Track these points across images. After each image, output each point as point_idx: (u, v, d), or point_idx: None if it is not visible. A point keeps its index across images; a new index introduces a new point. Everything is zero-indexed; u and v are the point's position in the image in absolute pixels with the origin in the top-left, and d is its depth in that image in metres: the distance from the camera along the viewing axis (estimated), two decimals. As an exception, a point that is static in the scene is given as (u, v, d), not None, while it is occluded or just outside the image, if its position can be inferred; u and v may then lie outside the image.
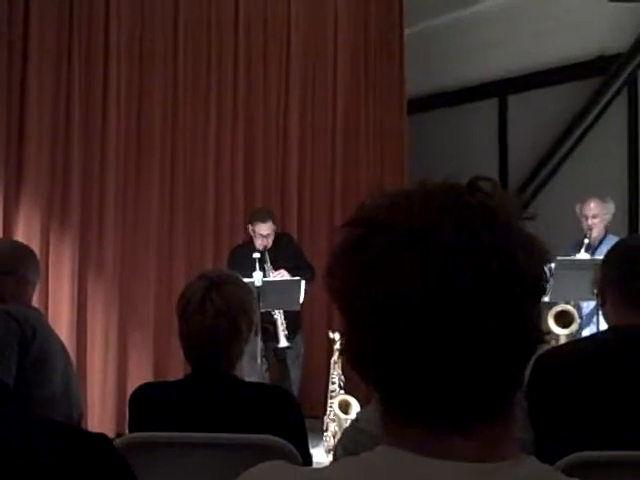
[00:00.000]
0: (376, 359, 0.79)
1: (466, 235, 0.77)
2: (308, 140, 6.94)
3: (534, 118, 7.40)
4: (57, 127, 5.68)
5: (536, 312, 0.81)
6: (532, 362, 0.89)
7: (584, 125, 7.12)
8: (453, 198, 0.80)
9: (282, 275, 5.30)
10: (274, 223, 5.47)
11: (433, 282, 0.76)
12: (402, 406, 0.80)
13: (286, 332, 5.30)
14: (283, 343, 5.30)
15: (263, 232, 5.36)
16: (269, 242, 5.37)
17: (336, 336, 5.21)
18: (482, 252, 0.77)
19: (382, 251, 0.78)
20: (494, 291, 0.77)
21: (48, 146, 5.62)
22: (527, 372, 0.85)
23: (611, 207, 5.40)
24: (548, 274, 0.81)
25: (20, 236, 5.27)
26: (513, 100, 7.62)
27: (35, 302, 3.36)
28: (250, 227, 5.49)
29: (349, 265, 0.81)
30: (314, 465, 2.29)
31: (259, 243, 5.37)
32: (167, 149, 6.20)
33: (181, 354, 2.17)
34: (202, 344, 2.09)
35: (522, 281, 0.78)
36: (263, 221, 5.39)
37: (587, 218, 5.31)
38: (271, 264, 5.29)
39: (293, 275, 5.29)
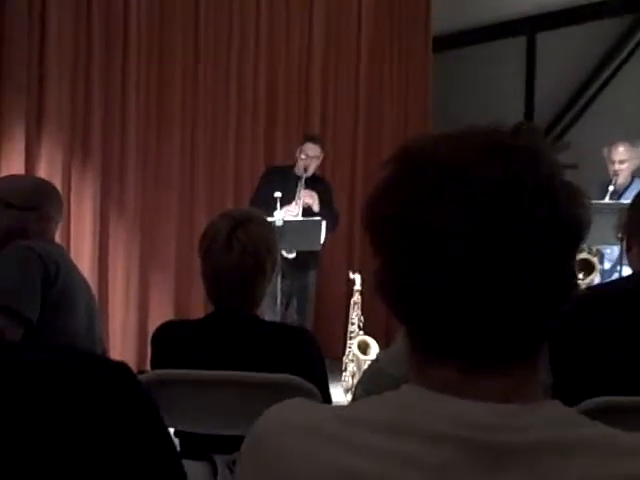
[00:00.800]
0: (412, 292, 0.80)
1: (511, 174, 0.77)
2: (331, 79, 6.86)
3: (563, 57, 7.25)
4: (77, 66, 5.63)
5: (573, 258, 0.82)
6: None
7: (614, 65, 6.98)
8: (497, 139, 0.80)
9: (312, 196, 5.30)
10: (322, 150, 5.49)
11: (477, 217, 0.76)
12: (432, 344, 0.80)
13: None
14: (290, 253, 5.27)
15: (310, 152, 5.39)
16: (311, 166, 5.38)
17: (356, 277, 5.22)
18: (526, 193, 0.77)
19: (424, 186, 0.78)
20: (536, 233, 0.77)
21: (69, 84, 5.58)
22: None
23: (639, 151, 5.28)
24: (587, 222, 0.82)
25: (42, 174, 5.28)
26: (541, 38, 7.46)
27: (57, 240, 3.38)
28: (299, 150, 5.48)
29: (390, 199, 0.81)
30: (333, 404, 2.31)
31: (301, 164, 5.37)
32: (189, 89, 6.15)
33: (202, 293, 2.17)
34: (227, 282, 2.08)
35: (564, 225, 0.79)
36: (312, 142, 5.45)
37: (614, 163, 5.20)
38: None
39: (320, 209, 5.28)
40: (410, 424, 0.77)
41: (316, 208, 5.33)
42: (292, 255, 5.29)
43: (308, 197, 5.32)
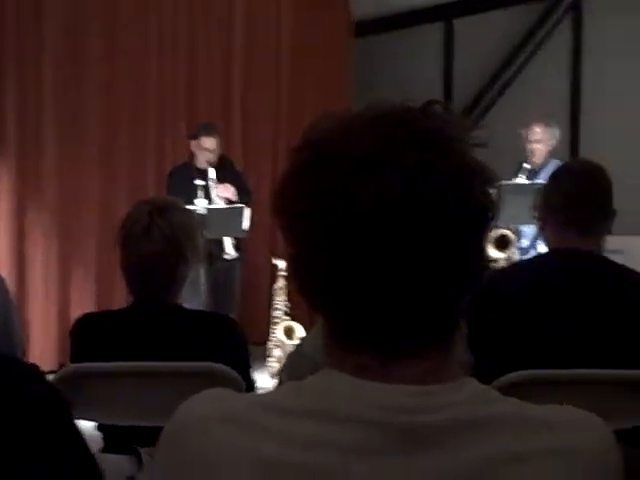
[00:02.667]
0: (325, 282, 0.79)
1: (422, 163, 0.77)
2: (253, 62, 6.81)
3: (479, 43, 7.38)
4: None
5: (484, 240, 0.82)
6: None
7: (528, 50, 7.14)
8: (408, 123, 0.79)
9: (227, 188, 5.21)
10: (219, 139, 5.30)
11: (387, 208, 0.76)
12: (347, 330, 0.80)
13: (234, 241, 5.24)
14: (230, 251, 5.23)
15: (209, 146, 5.19)
16: (213, 158, 5.22)
17: (280, 262, 5.21)
18: (438, 181, 0.77)
19: (336, 176, 0.77)
20: (448, 219, 0.77)
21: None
22: None
23: (555, 132, 5.43)
24: (497, 202, 0.82)
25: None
26: (459, 24, 7.57)
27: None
28: (193, 143, 5.30)
29: (302, 189, 0.80)
30: (258, 390, 2.31)
31: (202, 160, 5.21)
32: (106, 73, 6.00)
33: (124, 287, 2.13)
34: (147, 271, 2.04)
35: (474, 210, 0.79)
36: (208, 135, 5.23)
37: (531, 142, 5.34)
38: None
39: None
40: (328, 409, 0.77)
41: (235, 198, 5.27)
42: (233, 255, 5.25)
43: (225, 191, 5.22)
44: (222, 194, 5.22)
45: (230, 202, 5.27)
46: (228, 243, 5.26)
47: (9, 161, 5.51)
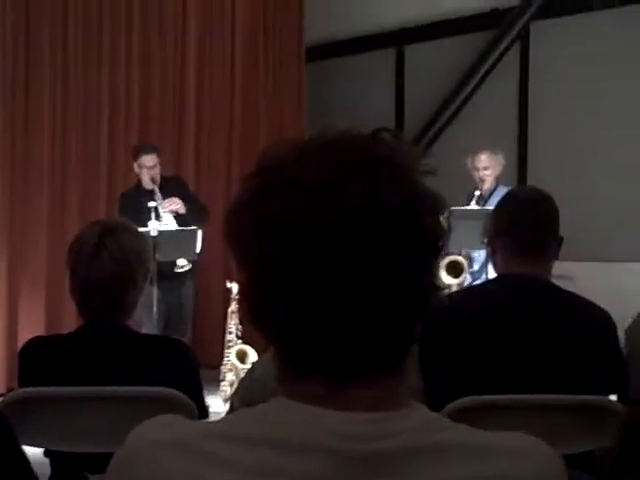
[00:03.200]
0: (274, 310, 0.79)
1: (371, 192, 0.77)
2: (206, 88, 6.81)
3: (429, 69, 7.49)
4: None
5: (434, 268, 0.83)
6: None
7: (477, 77, 7.27)
8: (357, 151, 0.79)
9: (175, 203, 5.20)
10: (158, 156, 5.35)
11: (337, 238, 0.76)
12: (299, 361, 0.80)
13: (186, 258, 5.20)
14: (182, 263, 5.19)
15: (148, 163, 5.26)
16: (156, 175, 5.26)
17: (233, 286, 5.19)
18: (387, 210, 0.77)
19: (286, 205, 0.77)
20: (396, 250, 0.77)
21: None
22: None
23: (501, 159, 5.55)
24: (447, 229, 0.83)
25: None
26: (410, 50, 7.68)
27: None
28: (136, 164, 5.35)
29: (250, 217, 0.80)
30: (212, 415, 2.29)
31: (146, 179, 5.25)
32: (58, 92, 5.95)
33: (74, 308, 2.10)
34: (96, 293, 2.01)
35: (424, 238, 0.79)
36: (147, 153, 5.30)
37: (479, 170, 5.45)
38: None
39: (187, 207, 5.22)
40: (279, 438, 0.77)
41: (182, 210, 5.25)
42: (186, 267, 5.19)
43: (172, 204, 5.22)
44: (169, 208, 5.20)
45: (178, 215, 5.25)
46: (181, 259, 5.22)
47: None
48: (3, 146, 5.62)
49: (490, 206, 4.76)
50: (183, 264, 5.21)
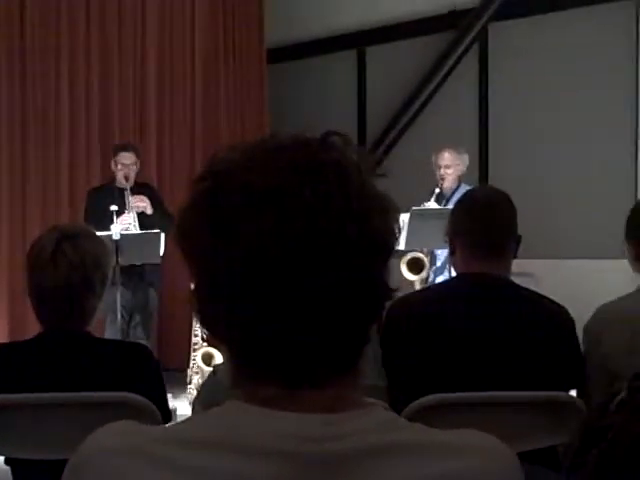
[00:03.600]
0: (227, 316, 0.79)
1: (321, 196, 0.77)
2: (166, 91, 6.77)
3: (390, 71, 7.53)
4: None
5: (385, 270, 0.83)
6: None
7: (437, 79, 7.32)
8: (307, 155, 0.80)
9: (142, 199, 5.22)
10: (137, 156, 5.41)
11: (287, 242, 0.76)
12: (252, 364, 0.80)
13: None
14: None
15: (126, 161, 5.30)
16: (131, 174, 5.29)
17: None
18: (336, 214, 0.77)
19: (235, 209, 0.77)
20: (347, 253, 0.78)
21: None
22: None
23: (465, 158, 5.58)
24: (398, 232, 0.83)
25: None
26: (371, 52, 7.72)
27: None
28: (113, 160, 5.39)
29: (200, 223, 0.79)
30: (179, 418, 2.28)
31: (121, 175, 5.28)
32: (17, 94, 5.88)
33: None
34: (53, 300, 2.00)
35: (374, 241, 0.80)
36: (126, 150, 5.35)
37: (440, 168, 5.47)
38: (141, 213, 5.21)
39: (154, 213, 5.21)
40: (235, 441, 0.77)
41: (149, 211, 5.25)
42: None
43: (139, 201, 5.24)
44: (136, 203, 5.20)
45: (145, 217, 5.23)
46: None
47: None
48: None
49: (452, 205, 4.80)
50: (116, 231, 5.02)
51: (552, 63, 6.70)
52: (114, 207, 5.03)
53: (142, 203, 5.24)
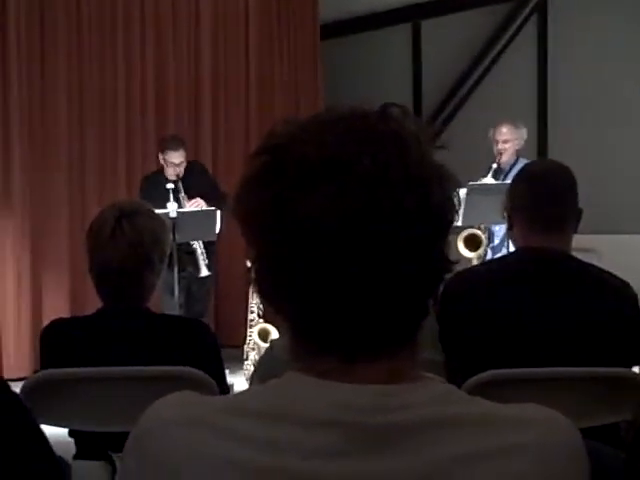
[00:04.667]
0: (288, 289, 0.80)
1: (380, 166, 0.77)
2: (221, 67, 6.81)
3: (446, 44, 7.43)
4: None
5: (445, 242, 0.83)
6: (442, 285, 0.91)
7: (495, 50, 7.20)
8: (366, 127, 0.79)
9: (198, 203, 5.22)
10: (185, 151, 5.34)
11: (347, 214, 0.76)
12: (311, 336, 0.81)
13: (206, 261, 5.25)
14: (204, 272, 5.25)
15: (175, 160, 5.24)
16: (181, 171, 5.26)
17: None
18: (395, 184, 0.77)
19: (296, 182, 0.77)
20: (406, 224, 0.77)
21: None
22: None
23: (523, 132, 5.48)
24: (457, 205, 0.83)
25: None
26: (426, 25, 7.62)
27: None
28: (161, 156, 5.35)
29: (261, 195, 0.79)
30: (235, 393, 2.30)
31: (171, 172, 5.26)
32: (74, 79, 5.97)
33: (96, 290, 2.12)
34: (113, 276, 2.03)
35: (434, 213, 0.79)
36: (175, 149, 5.26)
37: (498, 143, 5.39)
38: (185, 193, 5.20)
39: (207, 203, 5.22)
40: (293, 411, 0.78)
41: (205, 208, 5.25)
42: (208, 273, 5.22)
43: (194, 204, 5.20)
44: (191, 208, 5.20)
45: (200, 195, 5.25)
46: (202, 264, 5.23)
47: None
48: (21, 134, 5.65)
49: (510, 180, 4.72)
50: (205, 272, 5.21)
51: (616, 32, 6.52)
52: (170, 185, 5.08)
53: (196, 207, 5.19)
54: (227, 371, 2.26)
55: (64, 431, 2.10)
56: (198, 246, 5.22)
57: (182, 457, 0.78)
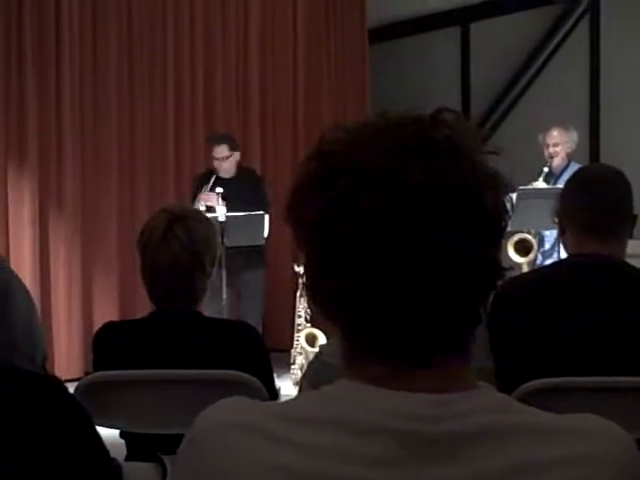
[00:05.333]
0: (340, 296, 0.79)
1: (432, 174, 0.76)
2: (269, 74, 6.84)
3: (496, 46, 7.36)
4: (9, 60, 5.51)
5: (497, 248, 0.82)
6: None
7: (546, 53, 7.11)
8: (418, 133, 0.79)
9: (209, 198, 5.20)
10: (231, 148, 5.43)
11: (400, 220, 0.76)
12: (364, 343, 0.80)
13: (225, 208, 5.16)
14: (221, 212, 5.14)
15: (217, 155, 5.38)
16: (228, 168, 5.36)
17: (301, 269, 5.21)
18: (448, 191, 0.76)
19: (348, 188, 0.77)
20: (459, 230, 0.77)
21: (1, 82, 5.46)
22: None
23: (574, 136, 5.41)
24: (510, 210, 0.82)
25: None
26: (475, 28, 7.56)
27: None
28: (211, 154, 5.49)
29: (313, 201, 0.80)
30: (281, 398, 2.31)
31: (219, 168, 5.38)
32: (125, 83, 6.06)
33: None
34: (165, 280, 2.06)
35: (487, 218, 0.79)
36: (216, 144, 5.43)
37: (549, 147, 5.33)
38: (232, 196, 5.20)
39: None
40: (346, 419, 0.77)
41: (217, 206, 5.19)
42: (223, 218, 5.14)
43: (206, 199, 5.22)
44: (205, 200, 5.21)
45: (209, 209, 5.19)
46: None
47: (31, 168, 5.56)
48: (73, 136, 5.76)
49: (561, 184, 4.66)
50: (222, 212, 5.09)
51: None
52: (219, 189, 5.13)
53: (209, 202, 5.21)
54: (274, 375, 2.27)
55: (115, 433, 2.13)
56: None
57: (235, 461, 0.78)
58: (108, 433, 1.95)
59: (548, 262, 5.14)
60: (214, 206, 5.20)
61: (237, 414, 0.82)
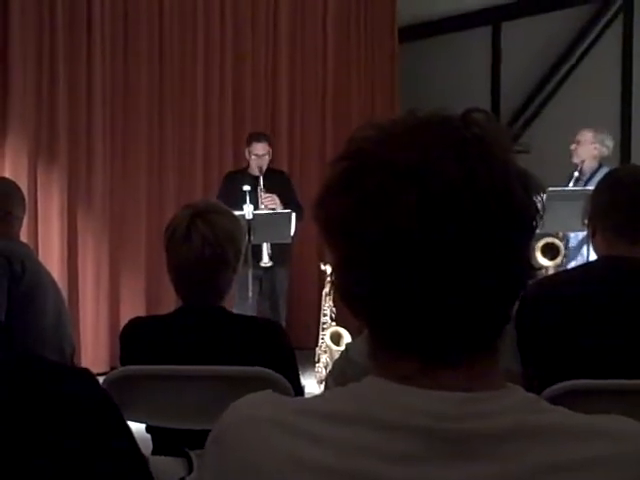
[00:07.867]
0: (369, 295, 0.79)
1: (464, 172, 0.76)
2: (298, 73, 6.85)
3: (527, 46, 7.30)
4: (42, 61, 5.56)
5: (528, 248, 0.82)
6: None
7: (578, 53, 7.04)
8: (448, 132, 0.79)
9: (273, 200, 5.34)
10: (270, 145, 5.56)
11: (431, 219, 0.76)
12: (393, 341, 0.80)
13: (270, 252, 5.29)
14: (266, 260, 5.29)
15: (259, 152, 5.46)
16: (264, 164, 5.44)
17: (327, 268, 5.23)
18: (480, 189, 0.76)
19: (378, 187, 0.77)
20: (490, 228, 0.77)
21: (33, 78, 5.51)
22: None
23: (606, 140, 5.32)
24: (541, 209, 0.81)
25: (7, 172, 5.21)
26: (506, 27, 7.51)
27: (25, 238, 3.34)
28: (247, 150, 5.56)
29: (343, 200, 0.80)
30: (306, 395, 2.31)
31: (254, 165, 5.45)
32: (155, 81, 6.10)
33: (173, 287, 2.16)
34: (189, 274, 2.06)
35: (518, 218, 0.79)
36: (258, 141, 5.50)
37: (578, 146, 5.28)
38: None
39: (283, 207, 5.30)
40: (373, 416, 0.77)
41: (279, 210, 5.34)
42: (268, 264, 5.29)
43: (270, 201, 5.35)
44: (268, 204, 5.32)
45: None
46: (265, 252, 5.30)
47: (60, 166, 5.62)
48: (103, 140, 5.80)
49: (591, 187, 4.61)
50: (266, 261, 5.29)
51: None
52: (247, 187, 5.16)
53: (272, 204, 5.34)
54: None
55: (141, 427, 2.15)
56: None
57: (263, 455, 0.79)
58: (135, 427, 1.96)
59: (572, 264, 5.09)
60: (275, 208, 5.29)
61: (265, 408, 0.83)
